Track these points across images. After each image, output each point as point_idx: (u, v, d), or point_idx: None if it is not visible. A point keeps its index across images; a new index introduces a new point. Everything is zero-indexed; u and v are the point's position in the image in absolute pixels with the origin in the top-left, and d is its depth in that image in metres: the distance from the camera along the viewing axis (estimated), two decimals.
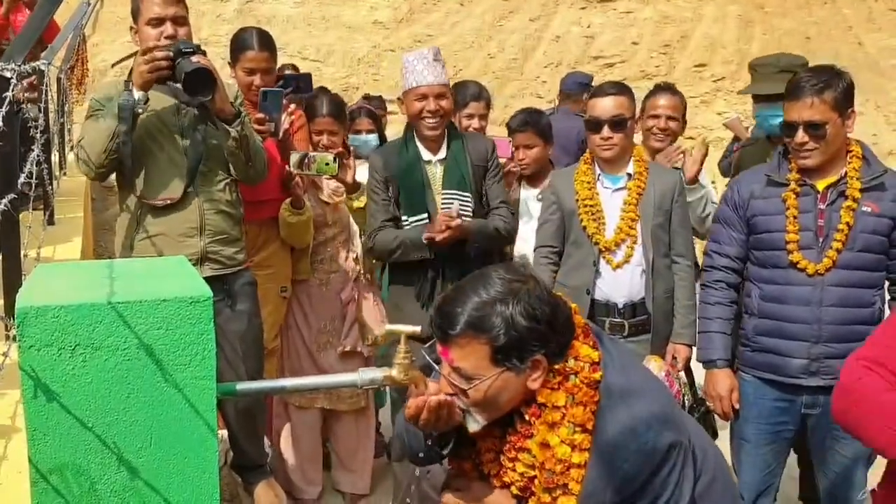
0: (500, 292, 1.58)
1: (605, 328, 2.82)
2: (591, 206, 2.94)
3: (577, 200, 2.96)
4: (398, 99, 3.20)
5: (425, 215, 3.02)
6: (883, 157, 4.53)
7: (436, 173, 3.08)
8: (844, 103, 2.46)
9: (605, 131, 2.91)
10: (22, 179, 2.56)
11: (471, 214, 3.04)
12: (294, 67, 7.19)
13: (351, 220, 3.47)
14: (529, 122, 3.53)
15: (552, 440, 1.57)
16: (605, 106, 2.93)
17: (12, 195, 2.32)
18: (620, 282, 2.89)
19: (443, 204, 3.03)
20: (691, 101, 11.73)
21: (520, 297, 1.57)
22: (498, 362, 1.57)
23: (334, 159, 3.09)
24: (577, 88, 5.43)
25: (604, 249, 2.90)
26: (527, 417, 1.61)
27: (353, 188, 3.23)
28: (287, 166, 3.13)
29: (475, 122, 3.57)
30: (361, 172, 3.34)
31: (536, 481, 1.61)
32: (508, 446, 1.64)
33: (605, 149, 2.93)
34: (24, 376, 1.39)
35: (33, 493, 1.44)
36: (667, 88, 3.52)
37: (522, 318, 1.56)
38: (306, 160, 3.09)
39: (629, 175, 2.96)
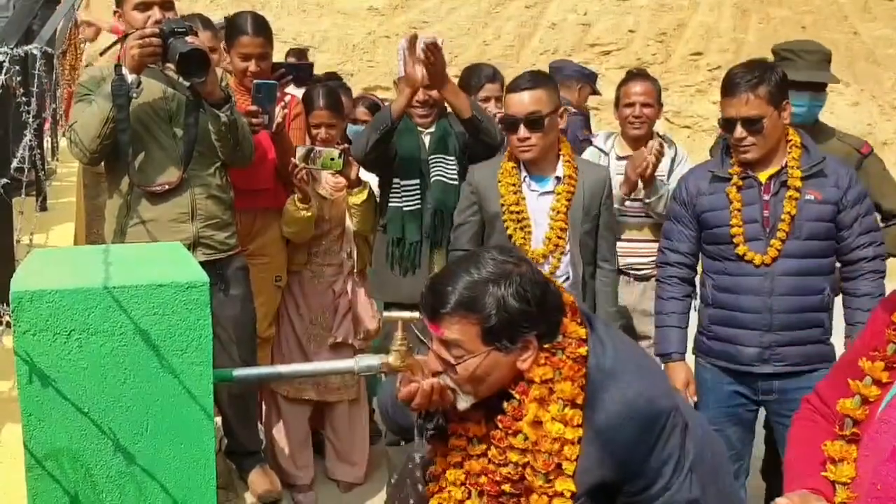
0: (492, 273, 1.58)
1: None
2: (516, 212, 2.74)
3: (503, 205, 2.76)
4: (394, 83, 3.22)
5: (417, 180, 3.06)
6: (878, 147, 4.53)
7: (426, 141, 3.15)
8: (779, 96, 2.50)
9: (522, 131, 2.70)
10: (14, 164, 2.54)
11: (456, 178, 3.06)
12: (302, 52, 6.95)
13: (347, 217, 3.46)
14: None
15: (543, 417, 1.57)
16: (521, 102, 2.70)
17: (4, 180, 2.30)
18: None
19: (432, 167, 3.06)
20: (687, 90, 11.77)
21: (512, 279, 1.57)
22: (487, 342, 1.57)
23: (340, 155, 3.09)
24: (574, 76, 5.38)
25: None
26: (515, 395, 1.62)
27: (356, 184, 3.23)
28: (293, 158, 3.13)
29: (491, 105, 3.46)
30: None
31: (529, 469, 1.60)
32: (500, 434, 1.63)
33: (523, 150, 2.72)
34: (19, 361, 1.39)
35: (28, 478, 1.44)
36: (639, 75, 3.49)
37: (514, 300, 1.56)
38: (312, 154, 3.10)
39: (558, 179, 2.77)
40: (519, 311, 1.56)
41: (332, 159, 3.08)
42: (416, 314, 1.78)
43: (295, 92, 3.55)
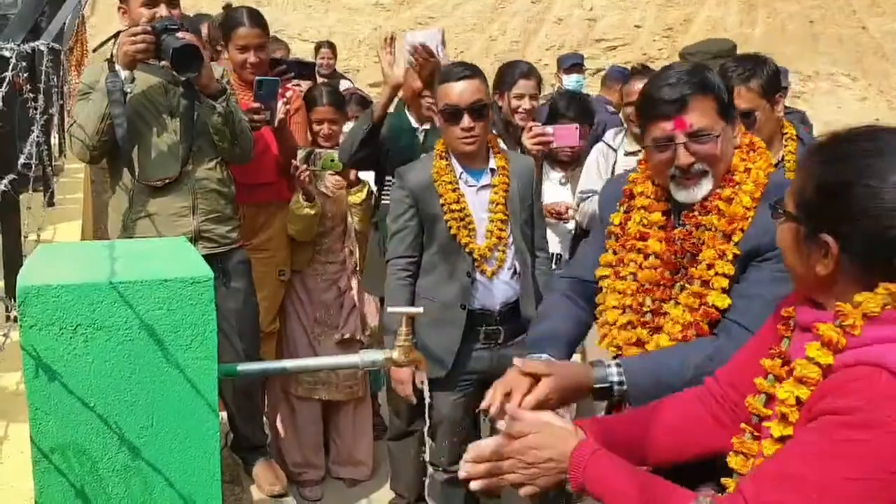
0: (695, 65, 1.79)
1: (479, 338, 2.69)
2: (458, 210, 2.63)
3: (444, 205, 2.64)
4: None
5: None
6: None
7: (422, 138, 3.10)
8: (772, 89, 2.51)
9: (466, 121, 2.57)
10: (22, 160, 2.55)
11: None
12: (331, 45, 7.04)
13: (348, 215, 3.48)
14: (585, 113, 3.42)
15: (737, 194, 1.71)
16: (463, 91, 2.57)
17: (12, 176, 2.31)
18: (496, 289, 2.67)
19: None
20: None
21: (708, 66, 1.80)
22: (722, 117, 1.73)
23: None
24: (617, 77, 5.45)
25: (479, 258, 2.64)
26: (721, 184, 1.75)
27: (355, 183, 3.27)
28: (294, 161, 3.18)
29: (525, 103, 3.39)
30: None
31: (705, 232, 1.72)
32: (692, 214, 1.75)
33: (467, 142, 2.60)
34: (26, 356, 1.39)
35: (35, 472, 1.45)
36: (640, 72, 3.48)
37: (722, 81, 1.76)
38: (312, 156, 3.16)
39: (493, 171, 2.69)
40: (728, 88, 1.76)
41: (332, 160, 3.14)
42: (420, 309, 1.78)
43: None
